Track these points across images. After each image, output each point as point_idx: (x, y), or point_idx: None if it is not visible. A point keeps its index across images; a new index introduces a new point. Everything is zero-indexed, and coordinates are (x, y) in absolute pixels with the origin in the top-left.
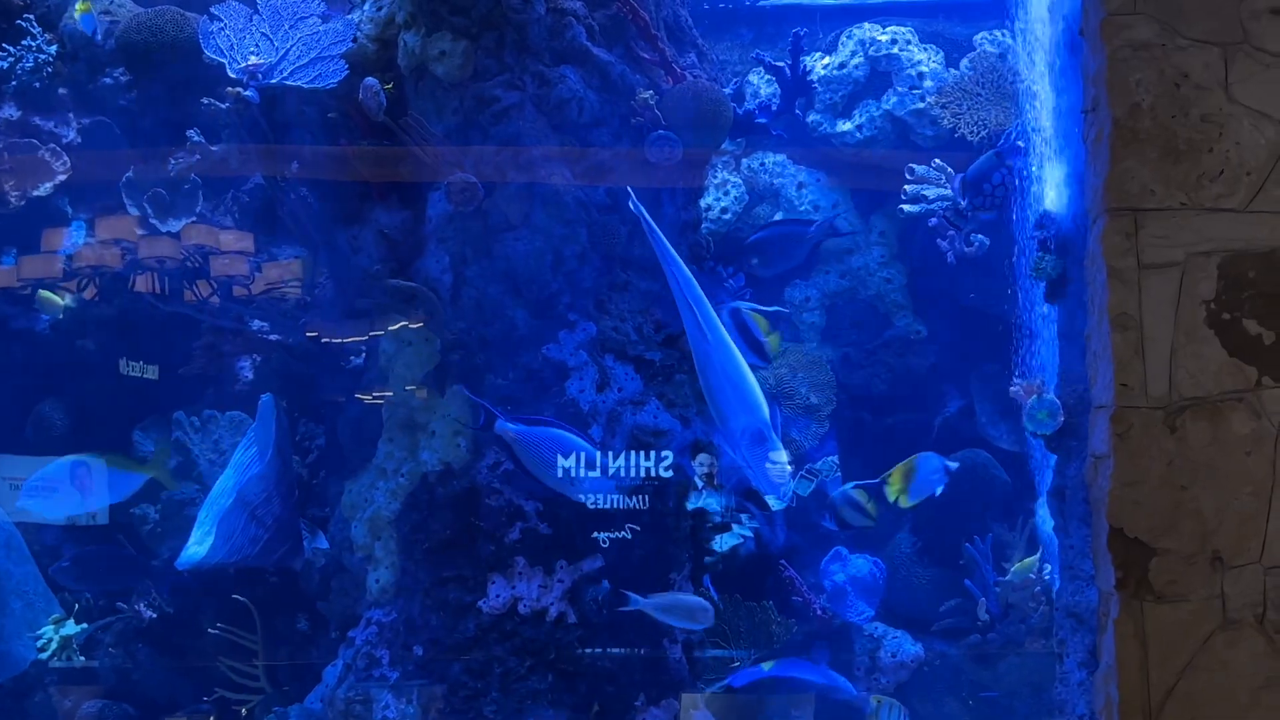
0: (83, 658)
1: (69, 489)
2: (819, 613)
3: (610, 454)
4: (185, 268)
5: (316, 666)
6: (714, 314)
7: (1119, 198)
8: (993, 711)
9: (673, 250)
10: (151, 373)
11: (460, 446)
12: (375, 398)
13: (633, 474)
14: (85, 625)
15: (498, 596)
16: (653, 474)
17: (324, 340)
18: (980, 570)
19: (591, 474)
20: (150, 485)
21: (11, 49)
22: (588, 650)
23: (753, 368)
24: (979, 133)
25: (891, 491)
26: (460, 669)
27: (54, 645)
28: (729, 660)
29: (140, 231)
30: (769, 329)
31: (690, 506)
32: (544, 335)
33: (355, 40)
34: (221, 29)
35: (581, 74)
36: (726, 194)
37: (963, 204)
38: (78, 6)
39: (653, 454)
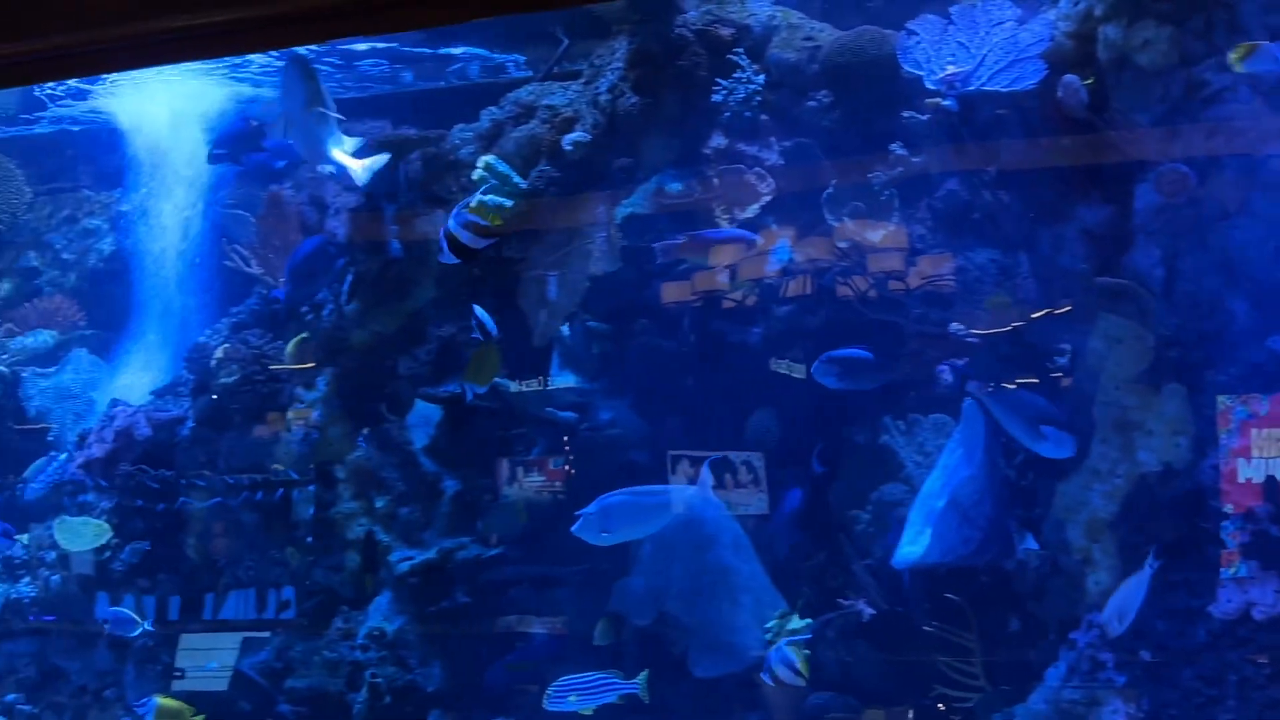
0: (807, 651)
1: None
2: None
3: None
4: (843, 266)
5: (1031, 666)
6: None
7: None
8: None
9: None
10: (799, 371)
11: (1180, 446)
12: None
13: None
14: (810, 620)
15: (1229, 601)
16: None
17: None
18: None
19: None
20: None
21: (724, 82)
22: None
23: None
24: None
25: None
26: (1192, 675)
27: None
28: None
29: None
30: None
31: None
32: (1268, 327)
33: (1052, 39)
34: (918, 42)
35: None
36: None
37: None
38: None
39: None
